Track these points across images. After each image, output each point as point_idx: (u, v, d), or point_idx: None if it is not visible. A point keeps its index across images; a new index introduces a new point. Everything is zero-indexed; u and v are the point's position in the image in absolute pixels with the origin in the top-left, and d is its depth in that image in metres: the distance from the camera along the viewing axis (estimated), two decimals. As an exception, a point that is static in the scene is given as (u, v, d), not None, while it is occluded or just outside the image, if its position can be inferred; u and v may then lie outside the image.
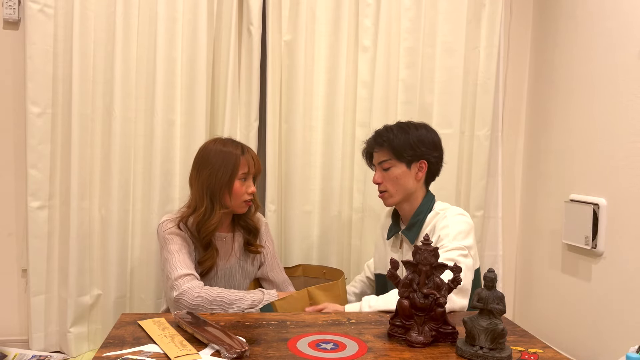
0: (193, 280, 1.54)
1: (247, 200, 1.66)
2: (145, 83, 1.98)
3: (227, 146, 1.66)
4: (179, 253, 1.59)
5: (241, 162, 1.63)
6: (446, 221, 1.57)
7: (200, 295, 1.49)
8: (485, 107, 2.19)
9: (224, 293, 1.52)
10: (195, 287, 1.51)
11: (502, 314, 1.15)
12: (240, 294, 1.54)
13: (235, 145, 1.67)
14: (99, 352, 1.12)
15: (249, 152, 1.68)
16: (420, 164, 1.65)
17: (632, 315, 1.70)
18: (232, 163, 1.62)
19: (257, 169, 1.68)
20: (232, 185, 1.62)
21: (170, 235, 1.62)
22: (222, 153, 1.64)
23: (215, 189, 1.62)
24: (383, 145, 1.65)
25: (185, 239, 1.63)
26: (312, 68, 2.09)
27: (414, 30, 2.12)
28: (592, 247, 1.85)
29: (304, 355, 1.13)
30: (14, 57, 1.97)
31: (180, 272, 1.54)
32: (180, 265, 1.56)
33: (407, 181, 1.64)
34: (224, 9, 2.03)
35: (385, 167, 1.65)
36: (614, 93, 1.81)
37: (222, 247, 1.70)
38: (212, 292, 1.51)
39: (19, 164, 1.99)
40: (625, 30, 1.77)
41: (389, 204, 1.69)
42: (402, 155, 1.63)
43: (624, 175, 1.76)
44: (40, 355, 1.95)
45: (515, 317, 2.37)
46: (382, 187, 1.67)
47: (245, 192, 1.65)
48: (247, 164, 1.65)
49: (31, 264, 1.94)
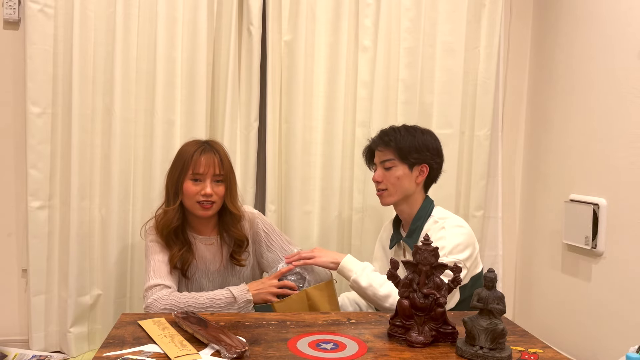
0: (161, 290, 1.51)
1: (200, 201, 1.59)
2: (145, 83, 1.98)
3: (189, 145, 1.64)
4: (155, 261, 1.58)
5: (191, 162, 1.58)
6: (443, 232, 1.57)
7: (167, 306, 1.47)
8: (485, 107, 2.19)
9: (191, 301, 1.49)
10: (161, 298, 1.48)
11: (502, 314, 1.15)
12: (209, 299, 1.50)
13: (199, 145, 1.62)
14: (99, 352, 1.12)
15: (208, 153, 1.60)
16: (421, 168, 1.66)
17: (632, 315, 1.70)
18: (182, 162, 1.60)
19: (212, 171, 1.59)
20: (181, 185, 1.60)
21: (150, 243, 1.63)
22: (180, 151, 1.64)
23: (169, 187, 1.63)
24: (389, 144, 1.65)
25: (161, 244, 1.62)
26: (312, 68, 2.09)
27: (414, 30, 2.12)
28: (592, 247, 1.85)
29: (304, 355, 1.13)
30: (14, 57, 1.97)
31: (150, 283, 1.53)
32: (153, 275, 1.55)
33: (406, 183, 1.65)
34: (224, 9, 2.03)
35: (388, 167, 1.66)
36: (613, 93, 1.81)
37: (207, 250, 1.67)
38: (179, 301, 1.48)
39: (19, 164, 1.99)
40: (625, 30, 1.77)
41: (386, 202, 1.69)
42: (406, 157, 1.64)
43: (624, 175, 1.76)
44: (40, 355, 1.95)
45: (515, 317, 2.37)
46: (382, 186, 1.68)
47: (199, 194, 1.59)
48: (197, 165, 1.58)
49: (31, 264, 1.94)
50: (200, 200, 1.59)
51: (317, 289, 1.59)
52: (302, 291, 1.57)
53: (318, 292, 1.59)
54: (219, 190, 1.61)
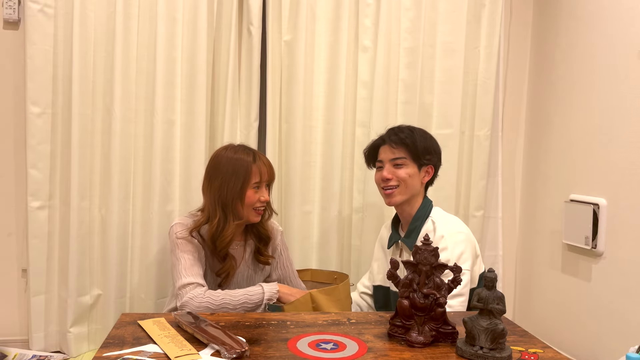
0: (196, 288, 1.51)
1: (257, 208, 1.62)
2: (145, 83, 1.98)
3: (239, 153, 1.61)
4: (186, 259, 1.56)
5: (253, 170, 1.59)
6: (444, 242, 1.57)
7: (203, 305, 1.48)
8: (485, 107, 2.19)
9: (226, 298, 1.50)
10: (197, 297, 1.49)
11: (502, 314, 1.15)
12: (243, 296, 1.52)
13: (247, 152, 1.63)
14: (99, 352, 1.12)
15: (261, 159, 1.63)
16: (427, 169, 1.70)
17: (632, 315, 1.70)
18: (244, 172, 1.58)
19: (270, 175, 1.64)
20: (244, 194, 1.58)
21: (180, 240, 1.59)
22: (233, 161, 1.60)
23: (228, 199, 1.58)
24: (405, 142, 1.66)
25: (196, 245, 1.60)
26: (312, 68, 2.09)
27: (414, 30, 2.12)
28: (592, 247, 1.85)
29: (304, 355, 1.13)
30: (14, 57, 1.97)
31: (183, 281, 1.52)
32: (185, 273, 1.54)
33: (415, 182, 1.67)
34: (224, 9, 2.03)
35: (398, 164, 1.67)
36: (614, 93, 1.81)
37: (234, 254, 1.68)
38: (214, 299, 1.49)
39: (19, 164, 1.99)
40: (625, 30, 1.77)
41: (395, 201, 1.69)
42: (419, 157, 1.67)
43: (624, 175, 1.76)
44: (40, 355, 1.95)
45: (515, 317, 2.37)
46: (393, 182, 1.67)
47: (258, 200, 1.61)
48: (259, 172, 1.60)
49: (31, 264, 1.94)
50: (257, 206, 1.62)
51: (324, 293, 1.59)
52: (307, 294, 1.57)
53: (324, 296, 1.58)
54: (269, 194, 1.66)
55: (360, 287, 1.93)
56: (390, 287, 1.75)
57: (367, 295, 1.90)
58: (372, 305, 1.88)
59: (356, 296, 1.91)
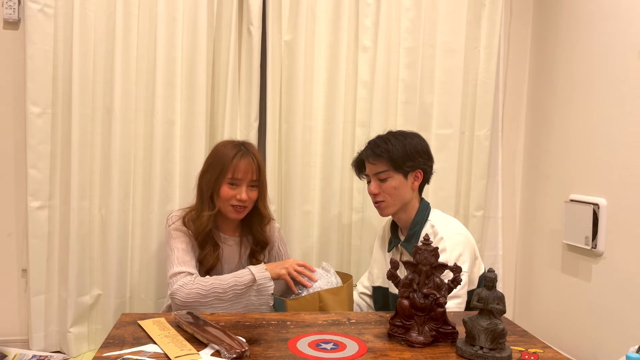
0: (185, 276, 1.54)
1: (235, 205, 1.61)
2: (145, 83, 1.98)
3: (227, 147, 1.63)
4: (178, 250, 1.59)
5: (228, 166, 1.59)
6: (443, 244, 1.57)
7: (193, 291, 1.50)
8: (485, 107, 2.19)
9: (215, 283, 1.52)
10: (186, 284, 1.51)
11: (502, 314, 1.15)
12: (232, 279, 1.53)
13: (237, 148, 1.62)
14: (99, 352, 1.12)
15: (244, 158, 1.61)
16: (416, 174, 1.66)
17: (632, 315, 1.70)
18: (221, 165, 1.60)
19: (248, 175, 1.61)
20: (218, 188, 1.60)
21: (174, 231, 1.63)
22: (218, 153, 1.63)
23: (204, 188, 1.63)
24: (382, 156, 1.63)
25: (188, 235, 1.63)
26: (312, 68, 2.09)
27: (414, 30, 2.12)
28: (592, 247, 1.85)
29: (304, 355, 1.13)
30: (14, 57, 1.97)
31: (174, 270, 1.55)
32: (177, 262, 1.56)
33: (404, 192, 1.65)
34: (224, 9, 2.03)
35: (383, 178, 1.65)
36: (614, 93, 1.81)
37: (227, 250, 1.69)
38: (204, 285, 1.51)
39: (19, 164, 1.99)
40: (625, 30, 1.77)
41: (385, 214, 1.69)
42: (400, 166, 1.63)
43: (624, 175, 1.76)
44: (40, 355, 1.95)
45: (515, 317, 2.37)
46: (379, 198, 1.66)
47: (234, 198, 1.61)
48: (234, 169, 1.59)
49: (31, 264, 1.94)
50: (234, 204, 1.61)
51: (330, 292, 1.58)
52: (315, 293, 1.57)
53: (331, 295, 1.58)
54: (253, 195, 1.64)
55: (360, 287, 1.93)
56: (390, 288, 1.75)
57: (367, 295, 1.90)
58: (372, 305, 1.88)
59: (356, 296, 1.91)
